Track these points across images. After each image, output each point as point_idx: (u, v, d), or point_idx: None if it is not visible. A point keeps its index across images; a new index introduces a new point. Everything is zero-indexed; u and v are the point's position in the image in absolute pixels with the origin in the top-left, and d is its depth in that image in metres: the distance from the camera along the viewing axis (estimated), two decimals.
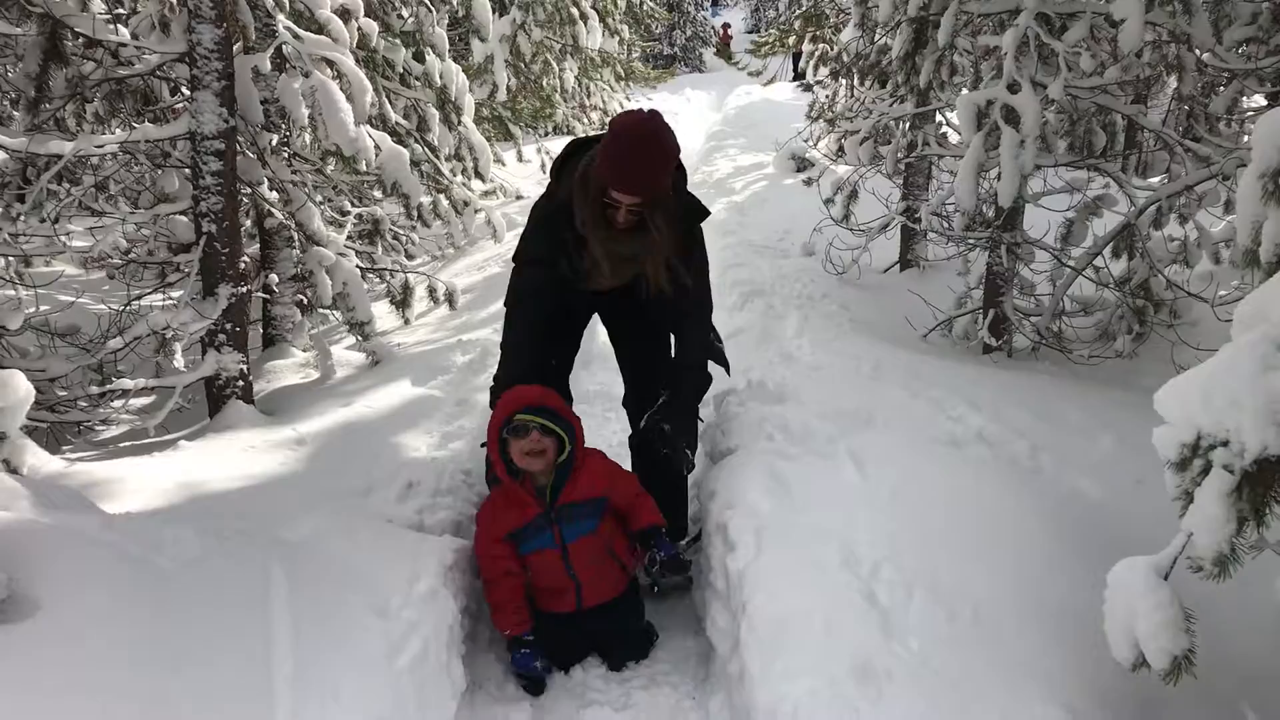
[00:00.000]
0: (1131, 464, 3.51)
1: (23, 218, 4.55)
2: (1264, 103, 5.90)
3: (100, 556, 2.37)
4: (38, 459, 3.90)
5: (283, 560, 2.75)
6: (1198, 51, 4.61)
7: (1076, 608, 2.79)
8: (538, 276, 3.61)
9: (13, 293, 6.45)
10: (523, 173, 12.35)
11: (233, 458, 4.24)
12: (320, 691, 2.35)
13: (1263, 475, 1.99)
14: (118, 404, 4.95)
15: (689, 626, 3.63)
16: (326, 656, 2.47)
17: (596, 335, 4.82)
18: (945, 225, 6.34)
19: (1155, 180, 5.70)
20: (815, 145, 9.76)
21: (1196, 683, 2.45)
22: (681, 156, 3.46)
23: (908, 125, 6.77)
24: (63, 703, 1.97)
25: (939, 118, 7.04)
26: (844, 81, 8.74)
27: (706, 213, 3.65)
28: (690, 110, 21.32)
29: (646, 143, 3.22)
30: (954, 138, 7.23)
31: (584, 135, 3.69)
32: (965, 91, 5.16)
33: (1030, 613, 2.83)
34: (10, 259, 5.57)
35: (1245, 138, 5.50)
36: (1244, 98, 5.46)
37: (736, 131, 14.95)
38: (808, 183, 8.76)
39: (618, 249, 3.39)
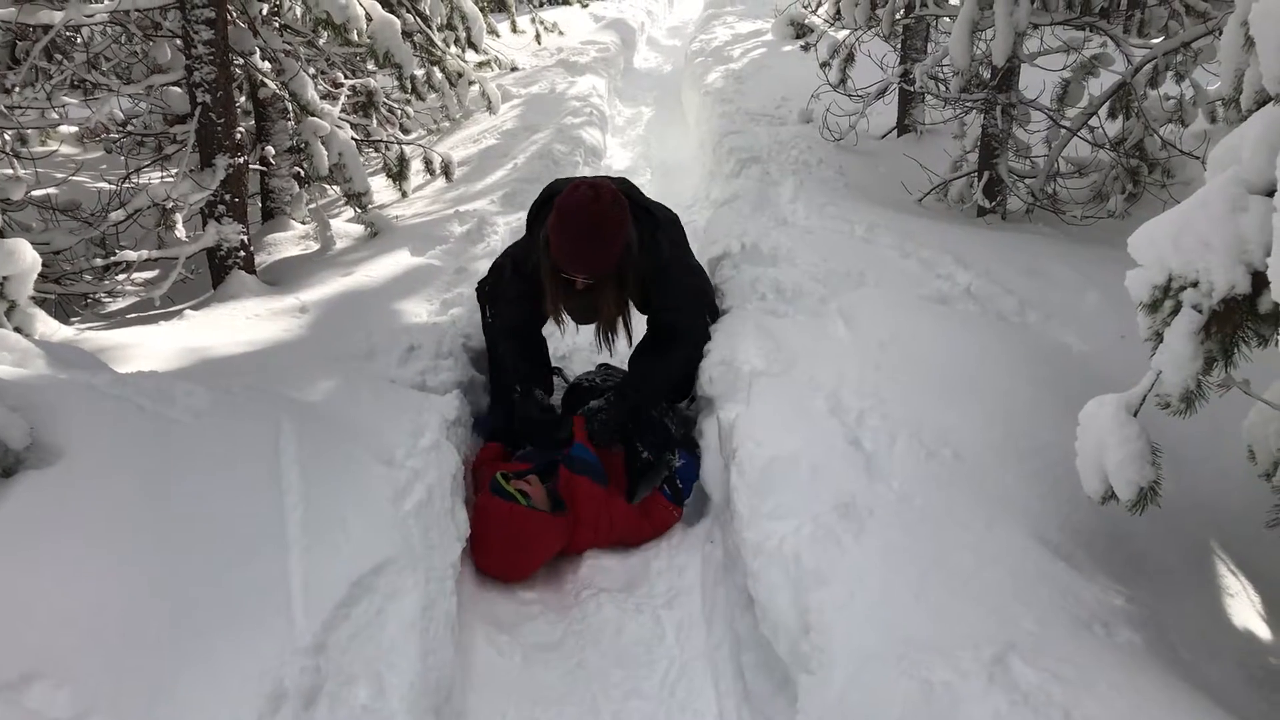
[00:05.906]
0: (1117, 319, 3.57)
1: (16, 89, 4.53)
2: None
3: (114, 409, 2.47)
4: (48, 327, 3.99)
5: (290, 415, 2.84)
6: None
7: (1055, 450, 2.89)
8: (516, 314, 3.82)
9: (10, 171, 6.45)
10: (517, 44, 12.08)
11: (238, 325, 4.32)
12: (331, 531, 2.48)
13: (1230, 314, 2.04)
14: (122, 276, 5.01)
15: None
16: (336, 500, 2.59)
17: None
18: (941, 88, 6.28)
19: (1155, 42, 5.62)
20: (815, 10, 9.56)
21: (1166, 520, 2.57)
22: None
23: None
24: (95, 536, 2.11)
25: None
26: None
27: (678, 259, 3.76)
28: None
29: (588, 230, 3.32)
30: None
31: (563, 179, 3.79)
32: None
33: (1010, 455, 2.94)
34: (6, 135, 5.55)
35: None
36: None
37: None
38: (805, 49, 8.62)
39: (577, 305, 3.62)
